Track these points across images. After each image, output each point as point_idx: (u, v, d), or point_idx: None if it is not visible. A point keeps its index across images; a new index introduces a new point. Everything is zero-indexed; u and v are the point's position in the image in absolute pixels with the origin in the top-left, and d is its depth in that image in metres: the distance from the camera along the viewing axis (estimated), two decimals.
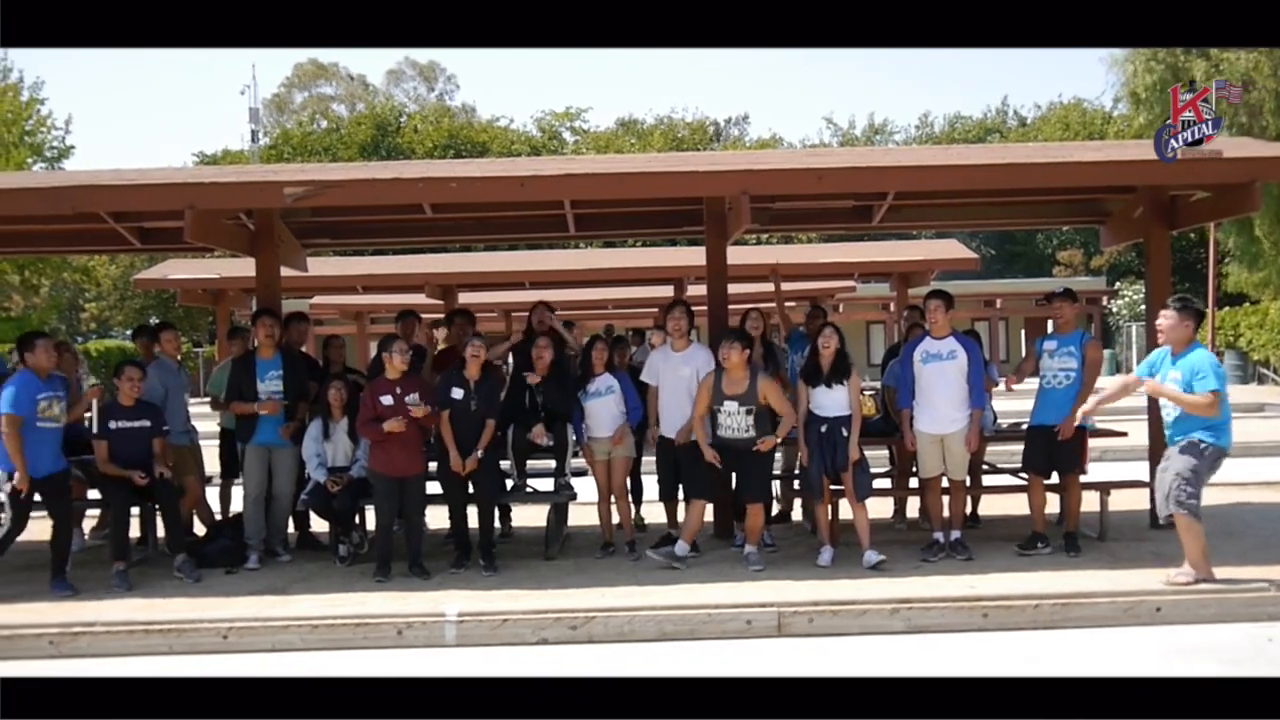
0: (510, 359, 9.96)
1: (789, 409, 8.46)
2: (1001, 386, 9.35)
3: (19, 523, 8.01)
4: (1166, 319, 7.61)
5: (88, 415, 9.47)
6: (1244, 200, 9.06)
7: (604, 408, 8.93)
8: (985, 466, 9.99)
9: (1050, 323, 8.92)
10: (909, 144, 54.30)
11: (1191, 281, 38.97)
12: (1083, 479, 9.42)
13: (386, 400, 8.31)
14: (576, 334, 10.42)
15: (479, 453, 8.51)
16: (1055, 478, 8.74)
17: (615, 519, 9.17)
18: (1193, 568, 7.44)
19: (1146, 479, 9.60)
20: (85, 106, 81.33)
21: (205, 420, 10.11)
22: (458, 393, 8.55)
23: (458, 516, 8.75)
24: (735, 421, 8.35)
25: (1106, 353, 41.30)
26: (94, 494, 9.19)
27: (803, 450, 8.55)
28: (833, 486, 8.59)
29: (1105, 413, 8.02)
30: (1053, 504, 8.91)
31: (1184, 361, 7.44)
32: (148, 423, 8.59)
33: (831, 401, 8.44)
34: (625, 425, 8.94)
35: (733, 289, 10.28)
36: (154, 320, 34.14)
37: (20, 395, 7.91)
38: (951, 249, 18.29)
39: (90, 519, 10.36)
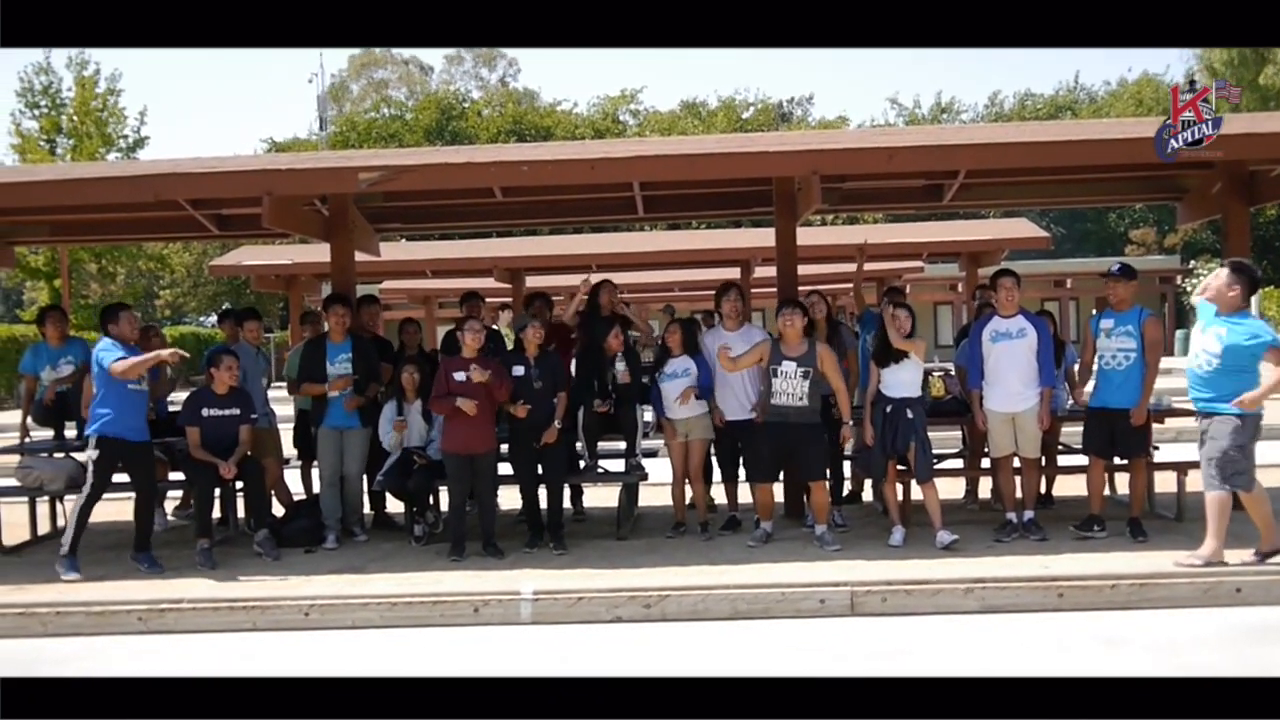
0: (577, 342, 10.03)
1: (842, 384, 8.50)
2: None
3: (100, 488, 8.20)
4: (1216, 277, 7.47)
5: (172, 401, 9.67)
6: None
7: (680, 389, 8.97)
8: (1060, 446, 9.89)
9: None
10: (977, 123, 53.63)
11: (1271, 258, 38.16)
12: (1158, 459, 9.32)
13: (459, 376, 8.41)
14: (641, 314, 10.46)
15: (557, 423, 8.59)
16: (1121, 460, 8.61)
17: (688, 498, 9.22)
18: (1218, 540, 7.36)
19: None
20: (156, 98, 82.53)
21: (283, 404, 10.28)
22: (519, 370, 8.64)
23: (529, 496, 8.83)
24: (792, 386, 8.36)
25: (1179, 333, 40.64)
26: (175, 475, 9.41)
27: (867, 430, 8.53)
28: (899, 467, 8.57)
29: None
30: (1122, 484, 8.80)
31: (1233, 321, 7.30)
32: (238, 410, 8.76)
33: (899, 381, 8.42)
34: (693, 389, 8.98)
35: (801, 270, 10.27)
36: (226, 306, 34.71)
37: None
38: (1022, 228, 18.06)
39: (172, 500, 10.60)
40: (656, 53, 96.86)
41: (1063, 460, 9.70)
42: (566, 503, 9.67)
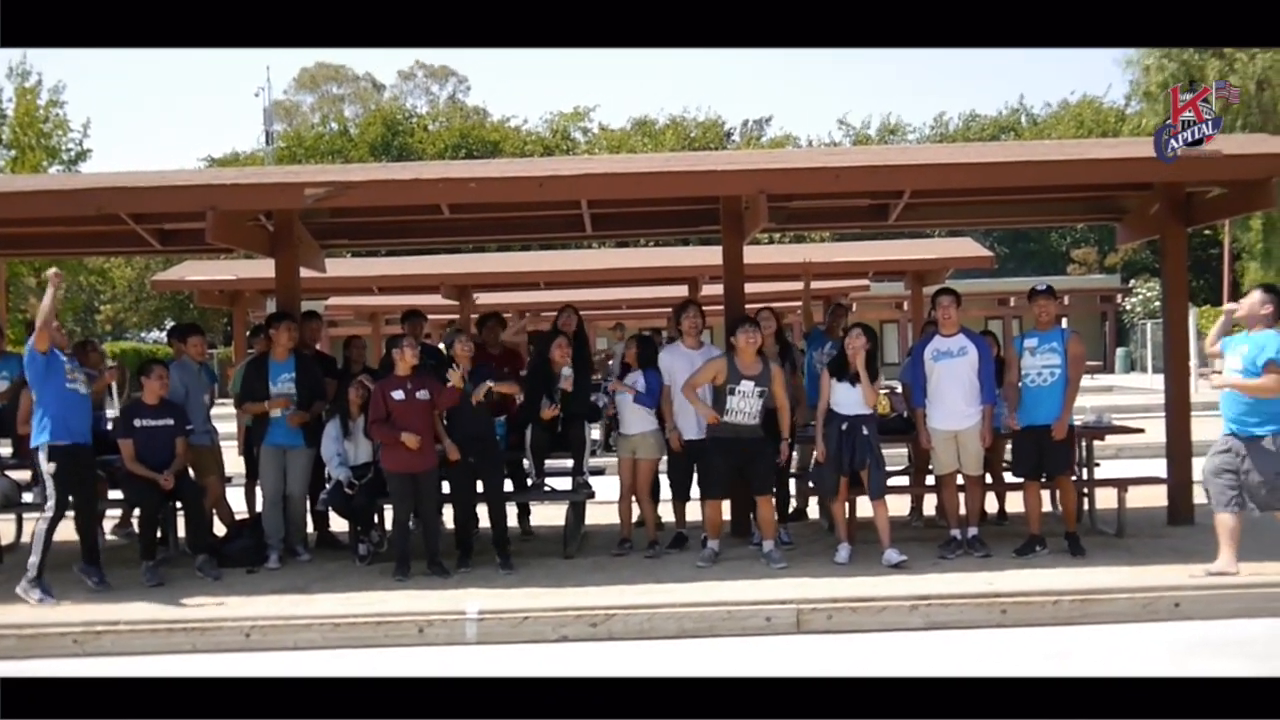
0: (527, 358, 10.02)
1: (786, 401, 8.55)
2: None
3: (64, 504, 8.04)
4: (1250, 297, 7.66)
5: (109, 413, 9.53)
6: (1260, 197, 9.06)
7: (632, 403, 8.98)
8: (1005, 463, 9.99)
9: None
10: (923, 143, 54.24)
11: (1207, 277, 38.84)
12: (1099, 475, 9.47)
13: (397, 395, 8.36)
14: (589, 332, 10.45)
15: (490, 383, 8.64)
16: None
17: (634, 516, 9.22)
18: None
19: (1164, 475, 9.62)
20: (98, 109, 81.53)
21: (225, 421, 10.16)
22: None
23: (463, 514, 8.79)
24: (748, 405, 8.39)
25: (1120, 351, 41.28)
26: (115, 494, 9.27)
27: (820, 447, 8.56)
28: (851, 485, 8.61)
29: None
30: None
31: (1252, 338, 7.50)
32: (171, 421, 8.66)
33: (852, 399, 8.46)
34: (632, 387, 9.02)
35: (748, 288, 10.30)
36: (170, 322, 34.30)
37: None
38: (966, 247, 18.27)
39: (110, 518, 10.43)
40: (604, 69, 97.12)
41: (1009, 477, 9.78)
42: (513, 521, 9.63)
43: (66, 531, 8.28)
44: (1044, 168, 9.34)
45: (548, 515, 10.42)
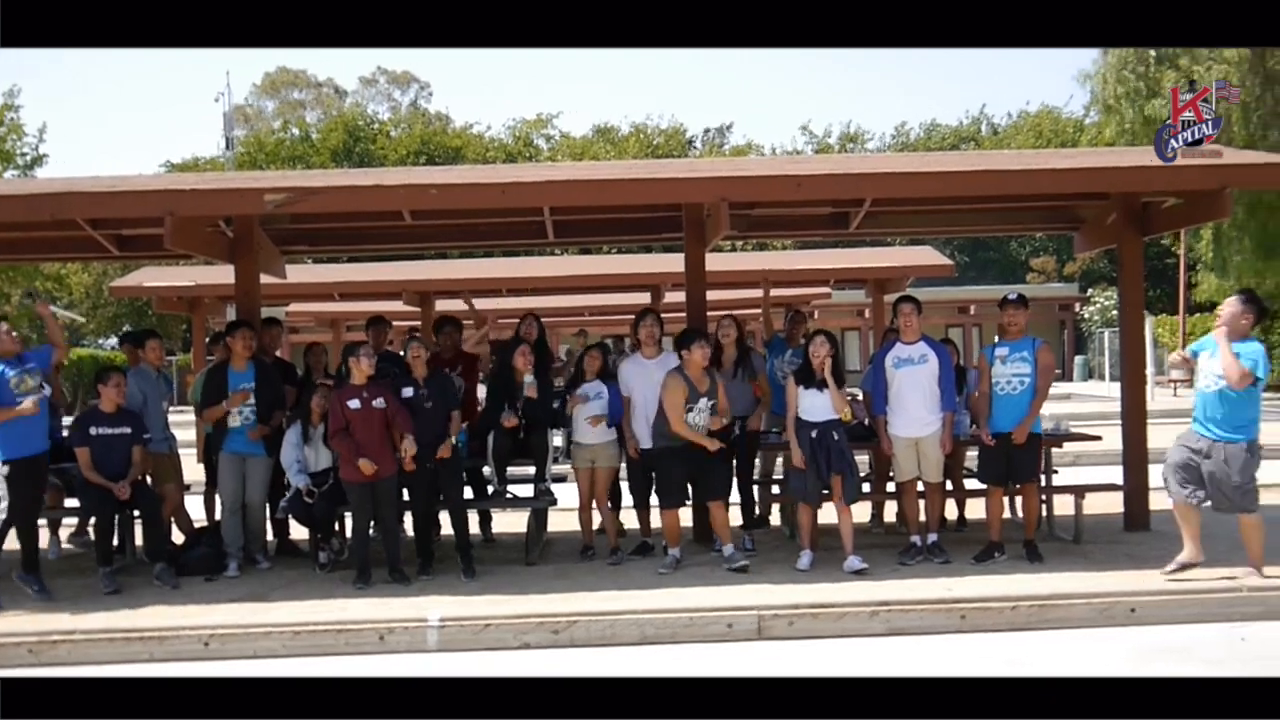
0: (489, 364, 10.01)
1: (728, 406, 8.60)
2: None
3: (15, 510, 7.98)
4: (1229, 306, 7.75)
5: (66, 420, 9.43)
6: (1215, 207, 9.18)
7: (590, 413, 8.98)
8: (965, 471, 10.07)
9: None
10: (884, 152, 54.61)
11: (1164, 287, 39.30)
12: (1057, 482, 9.55)
13: (354, 404, 8.32)
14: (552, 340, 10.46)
15: (452, 440, 8.56)
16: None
17: (596, 524, 9.22)
18: (1257, 560, 7.63)
19: (1121, 482, 9.72)
20: (56, 114, 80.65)
21: (184, 428, 10.07)
22: (408, 391, 8.58)
23: (423, 522, 8.76)
24: (702, 419, 8.43)
25: (1079, 359, 41.68)
26: (71, 502, 9.18)
27: (796, 455, 8.54)
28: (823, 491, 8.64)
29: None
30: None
31: (1236, 348, 7.57)
32: (128, 429, 8.58)
33: (821, 405, 8.49)
34: (604, 416, 9.00)
35: (710, 295, 10.34)
36: (128, 328, 33.94)
37: None
38: (926, 255, 18.38)
39: (67, 527, 10.33)
40: (567, 76, 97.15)
41: (969, 484, 9.86)
42: (475, 528, 9.61)
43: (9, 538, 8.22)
44: (1002, 177, 9.43)
45: (510, 522, 10.41)
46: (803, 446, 8.48)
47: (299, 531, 9.60)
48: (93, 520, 8.84)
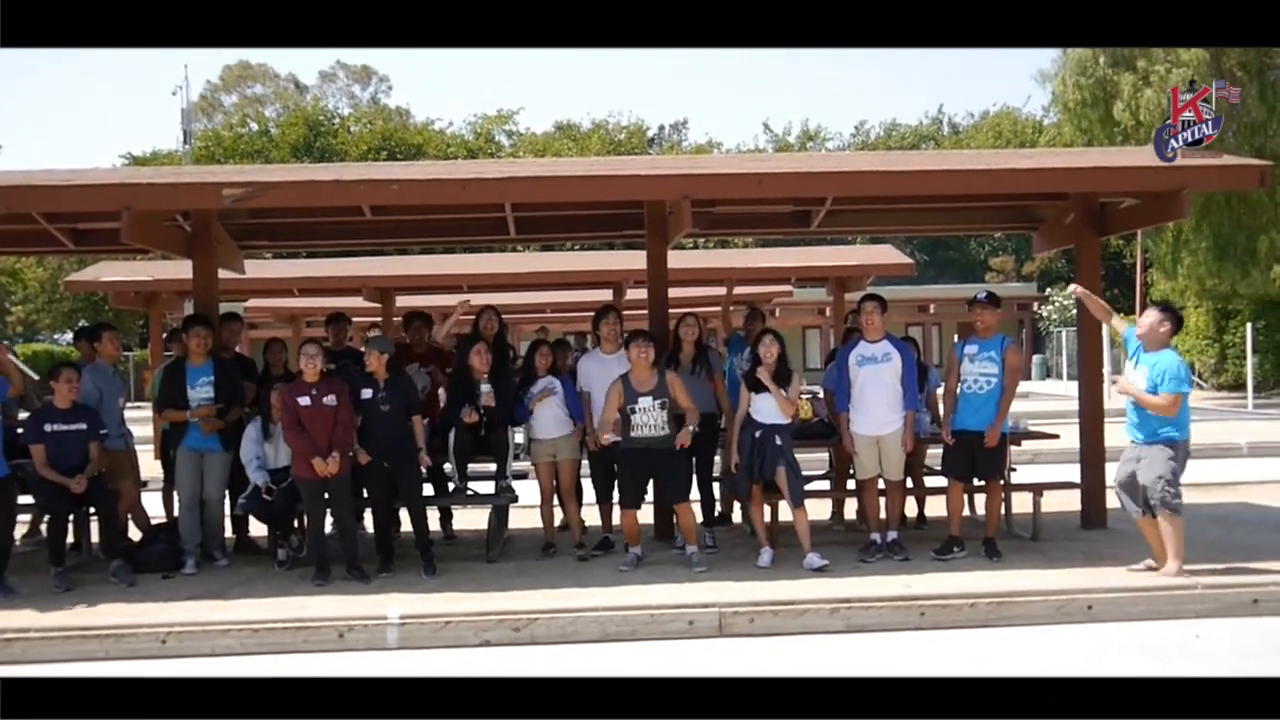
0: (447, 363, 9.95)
1: (691, 404, 8.54)
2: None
3: None
4: (1148, 317, 7.90)
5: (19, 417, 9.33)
6: (1172, 208, 9.28)
7: (546, 410, 8.97)
8: (926, 468, 10.12)
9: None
10: (844, 150, 54.84)
11: (1121, 288, 39.74)
12: (1016, 480, 9.63)
13: (304, 401, 8.27)
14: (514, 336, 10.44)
15: (419, 445, 8.56)
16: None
17: (558, 520, 9.21)
18: (1177, 560, 7.69)
19: (1078, 480, 9.81)
20: (8, 105, 79.57)
21: (140, 424, 9.96)
22: (367, 393, 8.52)
23: (382, 519, 8.71)
24: (651, 419, 8.41)
25: (1037, 358, 42.08)
26: (25, 499, 9.05)
27: (733, 454, 8.61)
28: (766, 490, 8.66)
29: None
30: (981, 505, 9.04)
31: (1155, 359, 7.72)
32: (84, 425, 8.48)
33: (770, 407, 8.52)
34: (550, 390, 9.02)
35: (672, 293, 10.35)
36: (83, 323, 33.55)
37: None
38: (887, 254, 18.48)
39: (21, 524, 10.18)
40: (528, 73, 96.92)
41: (929, 481, 9.93)
42: (436, 525, 9.57)
43: None
44: (962, 176, 9.50)
45: (470, 519, 10.37)
46: (743, 446, 8.51)
47: (257, 528, 9.53)
48: (46, 518, 8.73)
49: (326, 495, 8.35)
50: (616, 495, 9.08)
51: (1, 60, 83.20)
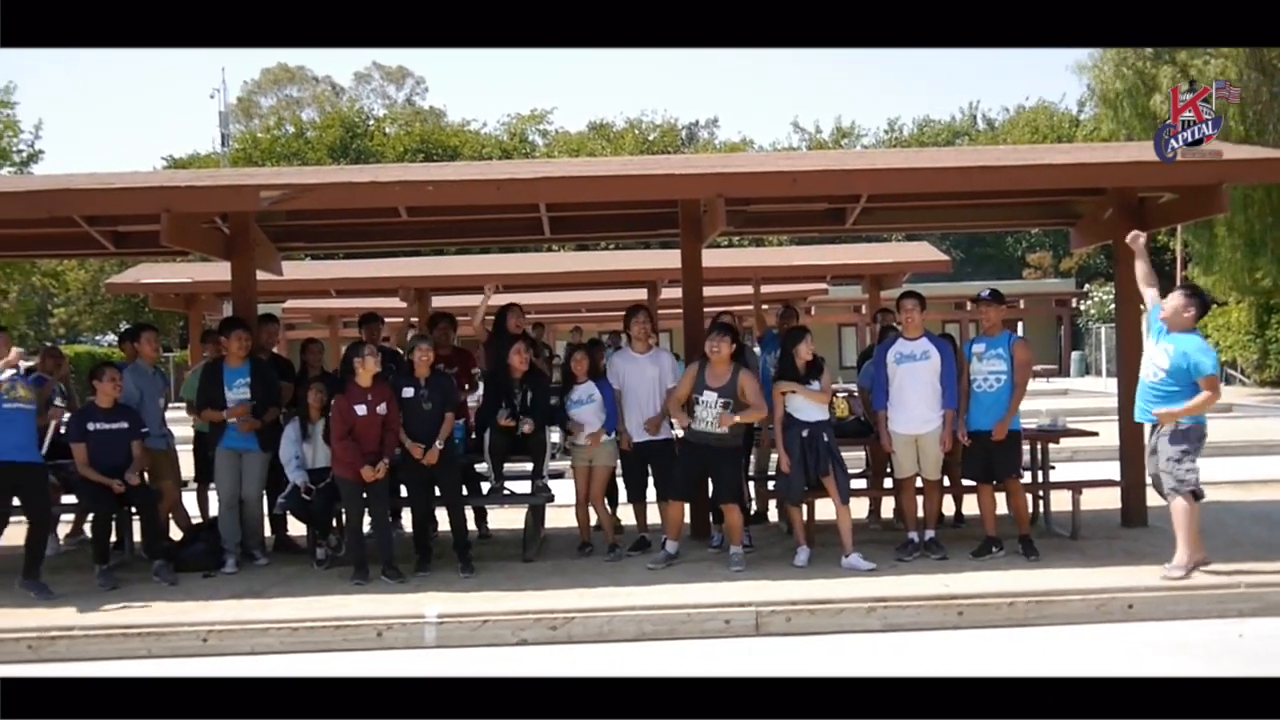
0: (482, 362, 9.99)
1: (762, 403, 8.50)
2: None
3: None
4: (1173, 299, 7.78)
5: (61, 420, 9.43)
6: (1211, 202, 9.18)
7: (586, 415, 8.99)
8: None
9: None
10: (878, 147, 54.56)
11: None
12: (1054, 478, 9.55)
13: (360, 410, 8.31)
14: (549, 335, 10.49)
15: (439, 444, 8.52)
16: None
17: (593, 521, 9.23)
18: (1185, 549, 7.59)
19: (1118, 478, 9.73)
20: (52, 111, 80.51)
21: (180, 425, 10.06)
22: (409, 391, 8.57)
23: (420, 519, 8.76)
24: (711, 414, 8.39)
25: (1075, 354, 41.71)
26: (69, 499, 9.17)
27: (783, 456, 8.55)
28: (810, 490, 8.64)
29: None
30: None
31: (1177, 340, 7.63)
32: (125, 425, 8.57)
33: (809, 404, 8.49)
34: (602, 429, 9.00)
35: (707, 291, 10.34)
36: (124, 325, 33.88)
37: None
38: (923, 251, 18.40)
39: (65, 524, 10.31)
40: (561, 72, 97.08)
41: (967, 480, 9.85)
42: (472, 525, 9.60)
43: (18, 538, 8.21)
44: (998, 172, 9.42)
45: (506, 518, 10.41)
46: (791, 446, 8.47)
47: (296, 528, 9.60)
48: (90, 517, 8.83)
49: (365, 495, 8.40)
50: (652, 492, 9.10)
51: (45, 69, 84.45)
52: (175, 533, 9.47)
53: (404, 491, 8.85)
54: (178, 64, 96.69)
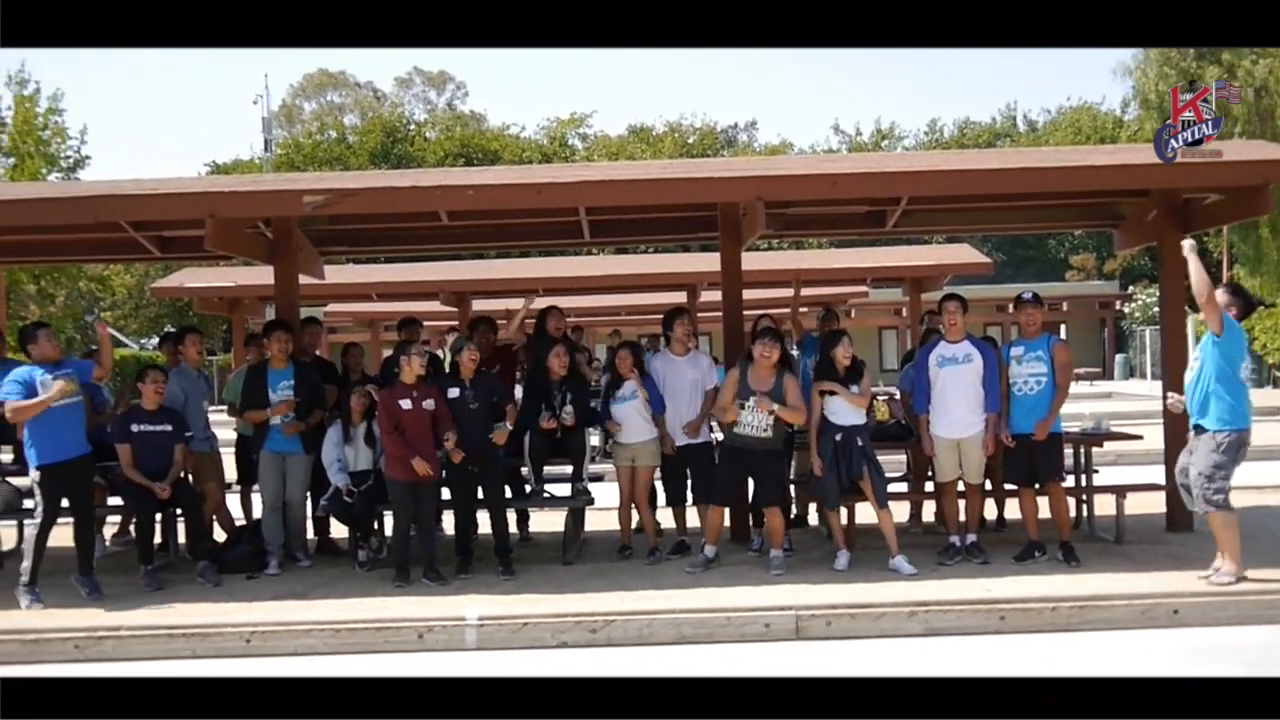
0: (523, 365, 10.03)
1: (803, 406, 8.46)
2: None
3: (52, 514, 8.03)
4: (1217, 295, 7.64)
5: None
6: (1257, 203, 9.07)
7: (626, 412, 9.00)
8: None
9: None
10: (917, 149, 54.25)
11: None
12: (1098, 482, 9.46)
13: (405, 404, 8.36)
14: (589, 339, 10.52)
15: (508, 424, 8.62)
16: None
17: (634, 523, 9.23)
18: (1231, 561, 7.50)
19: (1162, 482, 9.62)
20: (97, 118, 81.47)
21: (223, 427, 10.16)
22: (454, 392, 8.62)
23: (463, 522, 8.80)
24: (757, 419, 8.36)
25: (1120, 357, 41.29)
26: (115, 500, 9.28)
27: (815, 460, 8.54)
28: (847, 493, 8.60)
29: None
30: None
31: (1217, 341, 7.57)
32: (169, 427, 8.68)
33: (845, 407, 8.45)
34: (658, 417, 9.02)
35: (747, 294, 10.33)
36: (169, 329, 34.20)
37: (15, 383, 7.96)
38: (964, 254, 18.28)
39: (111, 525, 10.44)
40: (601, 76, 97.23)
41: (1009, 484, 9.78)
42: (513, 527, 9.64)
43: (68, 537, 8.31)
44: (1040, 174, 9.36)
45: (547, 521, 10.43)
46: (824, 450, 8.43)
47: (339, 530, 9.67)
48: (135, 518, 8.94)
49: (415, 497, 8.45)
50: (691, 495, 9.10)
51: (91, 76, 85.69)
52: (219, 534, 9.56)
53: (445, 494, 8.88)
54: (226, 68, 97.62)
